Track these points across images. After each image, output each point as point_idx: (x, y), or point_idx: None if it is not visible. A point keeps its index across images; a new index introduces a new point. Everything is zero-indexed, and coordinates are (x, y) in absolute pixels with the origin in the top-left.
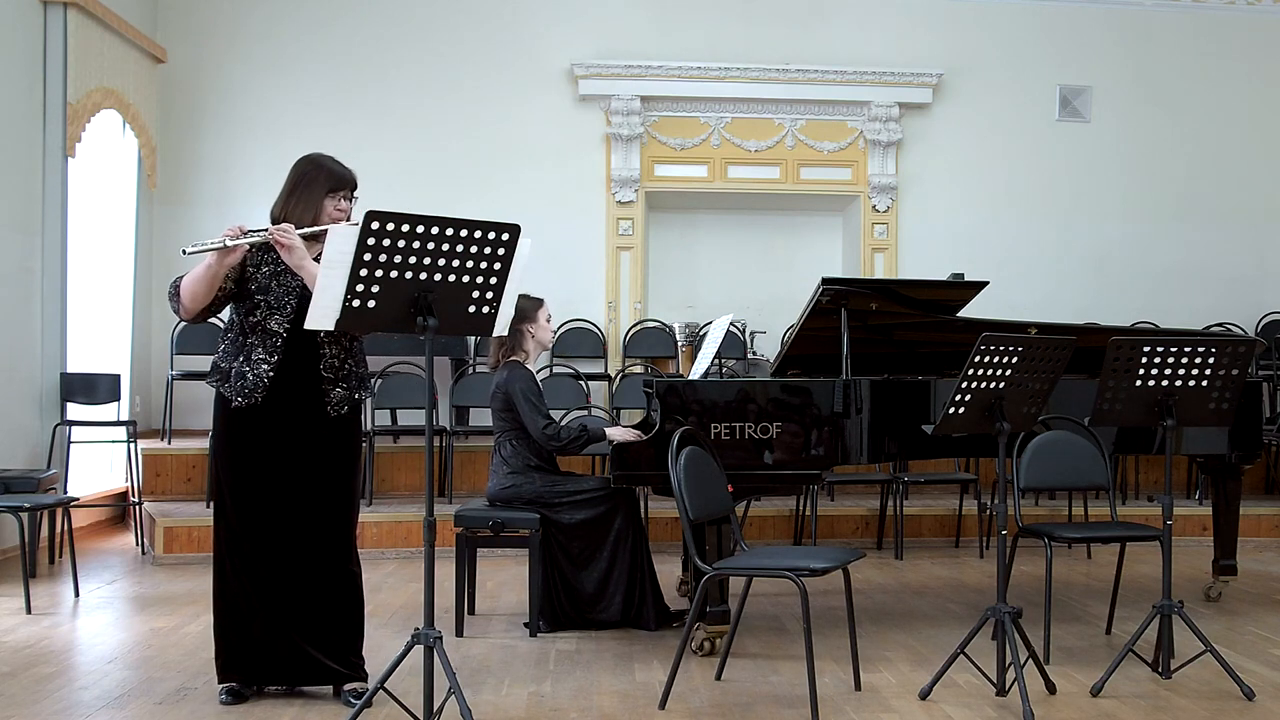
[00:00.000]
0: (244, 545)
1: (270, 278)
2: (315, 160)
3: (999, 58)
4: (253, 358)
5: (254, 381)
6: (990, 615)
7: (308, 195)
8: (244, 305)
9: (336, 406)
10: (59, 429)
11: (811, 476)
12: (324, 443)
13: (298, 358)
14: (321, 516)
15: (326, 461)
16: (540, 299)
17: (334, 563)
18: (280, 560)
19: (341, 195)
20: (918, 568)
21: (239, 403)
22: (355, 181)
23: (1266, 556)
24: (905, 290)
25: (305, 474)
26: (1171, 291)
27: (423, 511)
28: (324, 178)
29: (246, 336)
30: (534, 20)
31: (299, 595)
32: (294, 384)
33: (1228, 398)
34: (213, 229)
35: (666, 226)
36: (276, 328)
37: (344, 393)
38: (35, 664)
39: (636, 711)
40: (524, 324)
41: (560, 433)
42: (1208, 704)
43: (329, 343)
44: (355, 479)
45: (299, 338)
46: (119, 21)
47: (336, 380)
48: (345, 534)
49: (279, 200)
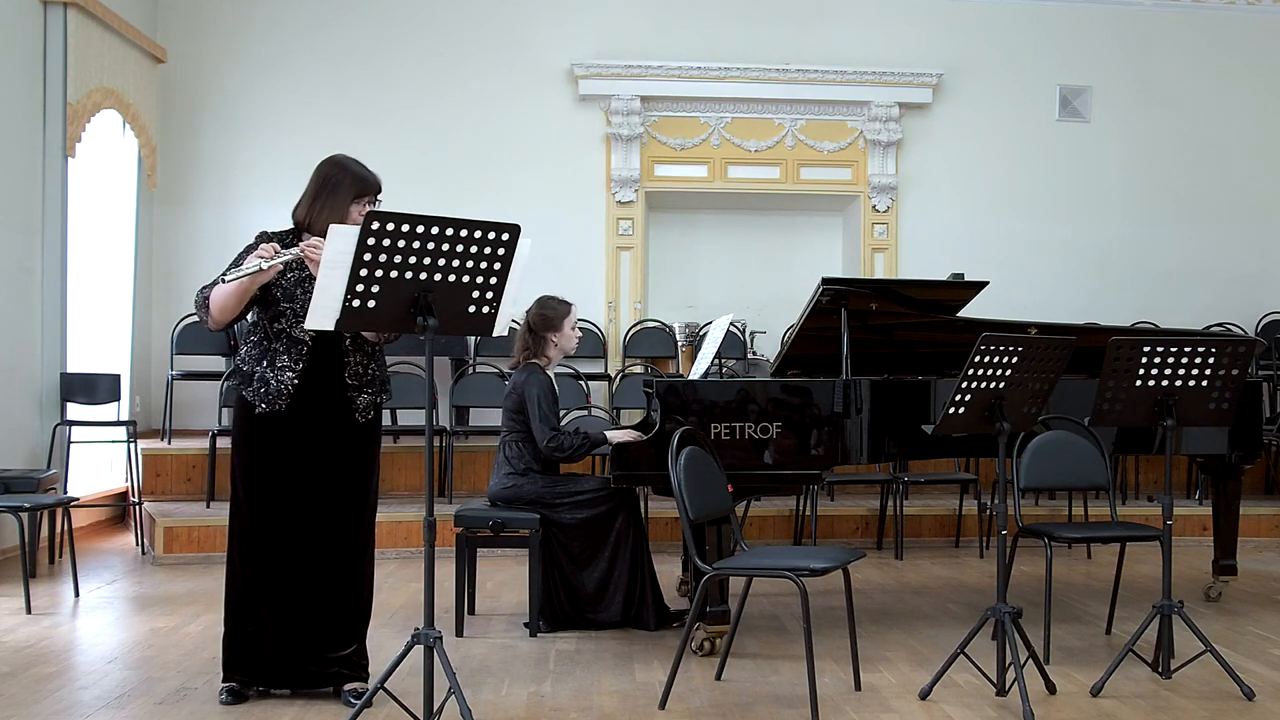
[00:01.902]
0: (254, 545)
1: (295, 284)
2: (340, 163)
3: (999, 58)
4: (277, 364)
5: (278, 388)
6: (990, 615)
7: (333, 200)
8: (268, 311)
9: (363, 413)
10: (59, 429)
11: (811, 476)
12: (349, 448)
13: (323, 365)
14: (344, 518)
15: (350, 465)
16: (570, 304)
17: (351, 563)
18: (295, 562)
19: (367, 200)
20: (918, 568)
21: (263, 409)
22: (380, 185)
23: (1266, 556)
24: (905, 290)
25: (328, 478)
26: (1171, 291)
27: (423, 511)
28: (349, 182)
29: (271, 342)
30: (534, 20)
31: (312, 595)
32: (319, 391)
33: (1228, 398)
34: (213, 229)
35: (666, 226)
36: (302, 335)
37: (369, 398)
38: (35, 664)
39: (636, 711)
40: (549, 331)
41: (564, 443)
42: (1208, 704)
43: (353, 350)
44: (376, 480)
45: (324, 345)
46: (119, 21)
47: (362, 387)
48: (366, 535)
49: (303, 204)
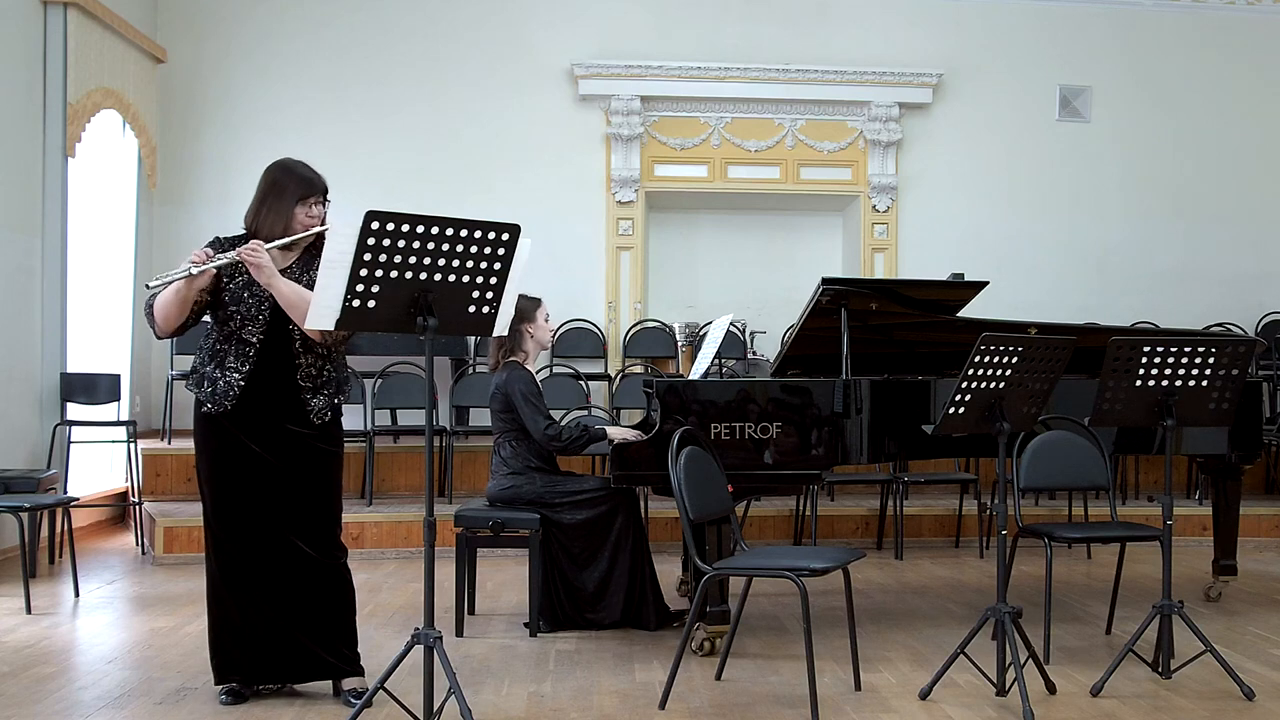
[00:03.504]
0: (227, 546)
1: (243, 288)
2: (284, 166)
3: (999, 58)
4: (225, 365)
5: (224, 389)
6: (990, 615)
7: (278, 204)
8: (219, 314)
9: (320, 414)
10: (59, 429)
11: (811, 476)
12: (306, 448)
13: (272, 368)
14: (307, 515)
15: (309, 465)
16: (538, 299)
17: (321, 558)
18: (264, 560)
19: (312, 201)
20: (918, 568)
21: (209, 408)
22: (325, 186)
23: (1266, 556)
24: (905, 290)
25: (286, 478)
26: (1171, 291)
27: (423, 511)
28: (293, 185)
29: (221, 343)
30: (534, 20)
31: (287, 592)
32: (269, 393)
33: (1228, 398)
34: (213, 229)
35: (666, 226)
36: (250, 337)
37: (324, 400)
38: (35, 664)
39: (636, 711)
40: (523, 324)
41: (561, 433)
42: (1208, 704)
43: (304, 352)
44: (338, 474)
45: (273, 347)
46: (119, 21)
47: (316, 389)
48: (330, 529)
49: (250, 210)
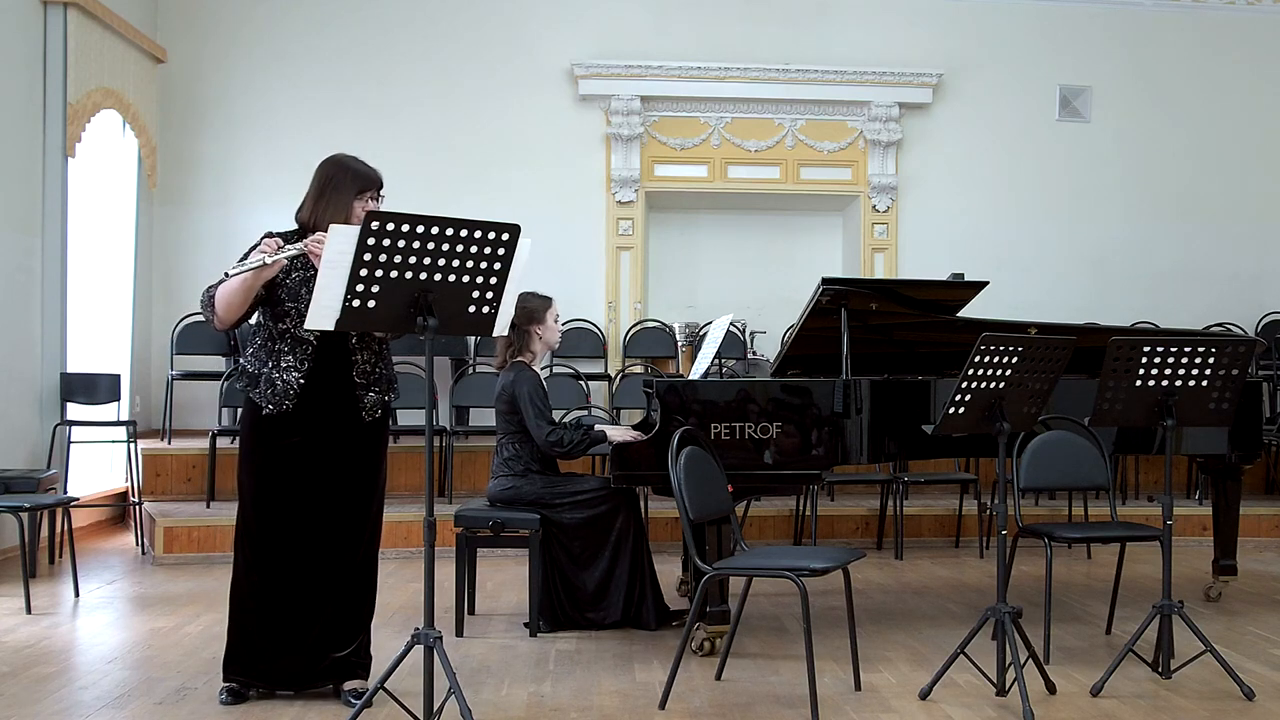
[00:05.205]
0: (260, 547)
1: (300, 284)
2: (340, 162)
3: (999, 58)
4: (282, 364)
5: (283, 389)
6: (990, 615)
7: (336, 198)
8: (273, 311)
9: (370, 411)
10: (59, 429)
11: (811, 476)
12: (356, 446)
13: (329, 365)
14: (351, 517)
15: (358, 464)
16: (549, 298)
17: (358, 562)
18: (301, 563)
19: (369, 195)
20: (918, 568)
21: (269, 410)
22: (381, 180)
23: (1266, 556)
24: (905, 290)
25: (336, 477)
26: (1171, 291)
27: (423, 511)
28: (351, 179)
29: (276, 342)
30: (534, 20)
31: (317, 596)
32: (326, 391)
33: (1228, 398)
34: (213, 229)
35: (666, 226)
36: (307, 335)
37: (376, 397)
38: (35, 664)
39: (636, 711)
40: (532, 325)
41: (564, 438)
42: (1208, 704)
43: (360, 349)
44: (383, 478)
45: (330, 345)
46: (119, 21)
47: (369, 385)
48: (373, 533)
49: (306, 204)
